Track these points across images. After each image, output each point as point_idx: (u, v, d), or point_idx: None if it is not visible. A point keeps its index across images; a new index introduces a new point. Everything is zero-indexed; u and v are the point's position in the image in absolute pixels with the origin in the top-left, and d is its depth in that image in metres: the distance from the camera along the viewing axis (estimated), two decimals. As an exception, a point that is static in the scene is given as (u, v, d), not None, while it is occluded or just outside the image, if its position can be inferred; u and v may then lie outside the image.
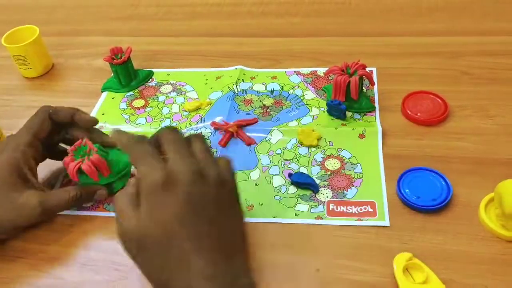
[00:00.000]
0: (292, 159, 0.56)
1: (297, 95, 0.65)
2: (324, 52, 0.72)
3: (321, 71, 0.68)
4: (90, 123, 0.54)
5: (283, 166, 0.56)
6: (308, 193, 0.53)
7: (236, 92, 0.66)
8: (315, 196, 0.52)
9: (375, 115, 0.60)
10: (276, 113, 0.62)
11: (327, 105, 0.60)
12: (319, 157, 0.56)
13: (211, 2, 0.87)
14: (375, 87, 0.64)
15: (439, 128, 0.58)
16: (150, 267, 0.39)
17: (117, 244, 0.50)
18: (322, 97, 0.64)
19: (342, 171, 0.54)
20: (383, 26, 0.76)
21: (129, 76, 0.69)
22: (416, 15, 0.78)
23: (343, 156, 0.56)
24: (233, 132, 0.59)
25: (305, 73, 0.68)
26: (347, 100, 0.60)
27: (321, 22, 0.79)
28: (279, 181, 0.54)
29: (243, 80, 0.68)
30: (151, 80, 0.71)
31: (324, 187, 0.53)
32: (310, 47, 0.73)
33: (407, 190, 0.51)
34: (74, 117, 0.53)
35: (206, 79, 0.70)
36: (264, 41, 0.76)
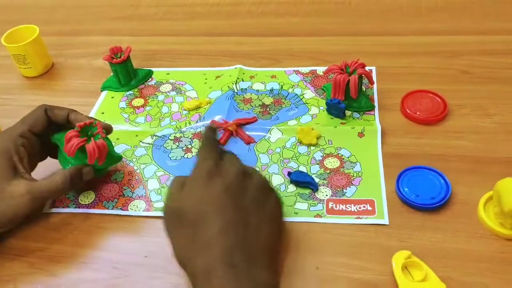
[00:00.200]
0: (292, 157, 0.56)
1: (296, 94, 0.65)
2: (323, 51, 0.72)
3: (321, 70, 0.68)
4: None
5: (282, 165, 0.56)
6: (307, 191, 0.53)
7: (236, 91, 0.66)
8: (315, 195, 0.52)
9: (374, 114, 0.60)
10: (276, 112, 0.62)
11: (327, 104, 0.60)
12: (318, 155, 0.56)
13: (211, 2, 0.87)
14: (375, 86, 0.64)
15: (438, 127, 0.58)
16: (179, 243, 0.42)
17: (116, 242, 0.51)
18: (322, 96, 0.64)
19: (342, 169, 0.54)
20: (382, 26, 0.77)
21: (128, 75, 0.69)
22: (416, 14, 0.78)
23: (342, 155, 0.56)
24: (233, 131, 0.59)
25: (305, 72, 0.68)
26: (346, 99, 0.60)
27: (321, 22, 0.79)
28: (279, 180, 0.54)
29: (242, 79, 0.68)
30: (150, 79, 0.71)
31: (323, 185, 0.53)
32: (309, 47, 0.74)
33: (406, 189, 0.51)
34: (69, 117, 0.54)
35: (206, 78, 0.70)
36: (264, 40, 0.76)
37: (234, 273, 0.38)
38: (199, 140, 0.50)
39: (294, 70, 0.69)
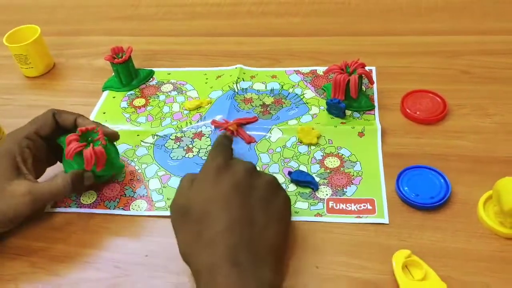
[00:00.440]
0: (292, 157, 0.57)
1: (296, 94, 0.65)
2: (323, 51, 0.72)
3: (321, 70, 0.68)
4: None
5: (283, 164, 0.56)
6: (307, 191, 0.53)
7: (236, 91, 0.66)
8: (315, 194, 0.52)
9: (374, 114, 0.60)
10: (276, 111, 0.63)
11: (327, 103, 0.61)
12: (318, 155, 0.56)
13: (211, 2, 0.88)
14: (375, 86, 0.64)
15: (438, 127, 0.58)
16: (185, 240, 0.42)
17: (118, 242, 0.51)
18: (322, 95, 0.64)
19: (342, 169, 0.55)
20: (382, 26, 0.77)
21: (130, 75, 0.69)
22: (416, 14, 0.78)
23: (342, 154, 0.56)
24: (233, 131, 0.60)
25: (305, 72, 0.69)
26: (346, 98, 0.60)
27: (321, 22, 0.80)
28: (279, 179, 0.54)
29: (243, 79, 0.68)
30: (151, 79, 0.71)
31: (323, 185, 0.53)
32: (309, 47, 0.74)
33: (406, 188, 0.51)
34: (77, 122, 0.54)
35: (207, 78, 0.70)
36: (264, 40, 0.76)
37: (238, 271, 0.38)
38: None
39: (294, 70, 0.69)
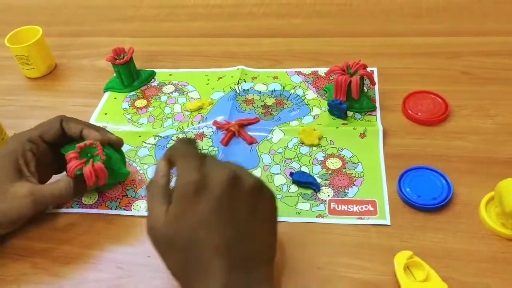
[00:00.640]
0: (294, 158, 0.57)
1: (298, 95, 0.65)
2: (324, 52, 0.72)
3: (322, 71, 0.68)
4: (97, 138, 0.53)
5: (284, 165, 0.56)
6: (309, 192, 0.53)
7: (238, 92, 0.67)
8: (317, 195, 0.52)
9: (376, 115, 0.60)
10: (278, 112, 0.63)
11: (328, 104, 0.61)
12: (320, 156, 0.57)
13: (212, 3, 0.88)
14: (376, 87, 0.64)
15: (440, 128, 0.58)
16: (173, 266, 0.40)
17: (120, 243, 0.51)
18: (323, 97, 0.64)
19: (343, 170, 0.55)
20: (383, 27, 0.77)
21: (131, 76, 0.70)
22: (416, 15, 0.78)
23: (344, 155, 0.56)
24: (235, 131, 0.60)
25: (306, 73, 0.69)
26: (348, 100, 0.60)
27: (322, 23, 0.80)
28: (281, 180, 0.55)
29: (244, 80, 0.69)
30: (153, 80, 0.71)
31: (325, 186, 0.53)
32: (311, 48, 0.74)
33: (407, 189, 0.51)
34: (82, 132, 0.53)
35: (208, 79, 0.70)
36: (265, 41, 0.77)
37: None
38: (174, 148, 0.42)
39: (296, 71, 0.69)
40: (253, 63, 0.72)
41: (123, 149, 0.60)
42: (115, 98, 0.69)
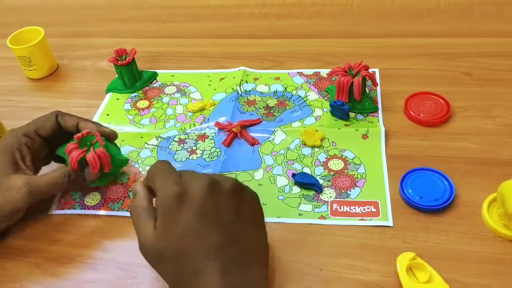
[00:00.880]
0: (296, 159, 0.57)
1: (300, 96, 0.65)
2: (326, 53, 0.72)
3: (324, 72, 0.68)
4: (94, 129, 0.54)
5: (286, 166, 0.56)
6: (311, 193, 0.53)
7: (240, 93, 0.67)
8: (319, 196, 0.52)
9: (378, 116, 0.60)
10: (280, 113, 0.63)
11: (330, 105, 0.61)
12: (322, 157, 0.57)
13: (214, 4, 0.88)
14: (378, 88, 0.64)
15: (442, 129, 0.58)
16: (168, 277, 0.41)
17: (122, 244, 0.51)
18: (325, 98, 0.65)
19: (346, 171, 0.55)
20: (385, 28, 0.77)
21: (133, 77, 0.70)
22: (418, 16, 0.78)
23: (346, 157, 0.56)
24: (237, 132, 0.60)
25: (308, 74, 0.69)
26: (350, 101, 0.60)
27: (323, 24, 0.80)
28: (283, 181, 0.55)
29: (246, 81, 0.69)
30: (155, 81, 0.71)
31: (327, 187, 0.53)
32: (312, 49, 0.74)
33: (410, 190, 0.51)
34: (79, 125, 0.54)
35: (210, 80, 0.70)
36: (267, 42, 0.77)
37: None
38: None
39: (297, 72, 0.69)
40: (255, 64, 0.72)
41: (125, 149, 0.60)
42: (117, 99, 0.69)
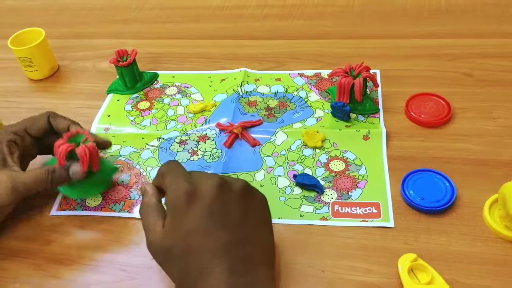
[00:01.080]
0: (297, 160, 0.57)
1: (301, 97, 0.65)
2: (327, 54, 0.72)
3: (325, 73, 0.68)
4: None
5: (287, 168, 0.56)
6: (313, 194, 0.53)
7: (241, 94, 0.67)
8: (320, 197, 0.52)
9: (379, 117, 0.60)
10: (281, 114, 0.63)
11: (331, 107, 0.61)
12: (323, 158, 0.57)
13: (215, 5, 0.88)
14: (379, 89, 0.64)
15: (443, 130, 0.58)
16: (174, 274, 0.41)
17: (123, 245, 0.51)
18: (326, 99, 0.65)
19: (347, 172, 0.55)
20: (386, 29, 0.77)
21: (134, 78, 0.70)
22: (419, 17, 0.78)
23: (347, 158, 0.56)
24: (238, 133, 0.60)
25: (309, 75, 0.69)
26: (351, 102, 0.60)
27: (324, 25, 0.80)
28: (284, 182, 0.55)
29: (247, 82, 0.69)
30: (156, 82, 0.71)
31: (328, 188, 0.53)
32: (313, 50, 0.74)
33: (411, 192, 0.51)
34: (70, 128, 0.54)
35: (211, 81, 0.70)
36: (268, 43, 0.77)
37: None
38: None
39: (298, 73, 0.69)
40: (255, 65, 0.72)
41: (126, 150, 0.60)
42: (118, 100, 0.69)
